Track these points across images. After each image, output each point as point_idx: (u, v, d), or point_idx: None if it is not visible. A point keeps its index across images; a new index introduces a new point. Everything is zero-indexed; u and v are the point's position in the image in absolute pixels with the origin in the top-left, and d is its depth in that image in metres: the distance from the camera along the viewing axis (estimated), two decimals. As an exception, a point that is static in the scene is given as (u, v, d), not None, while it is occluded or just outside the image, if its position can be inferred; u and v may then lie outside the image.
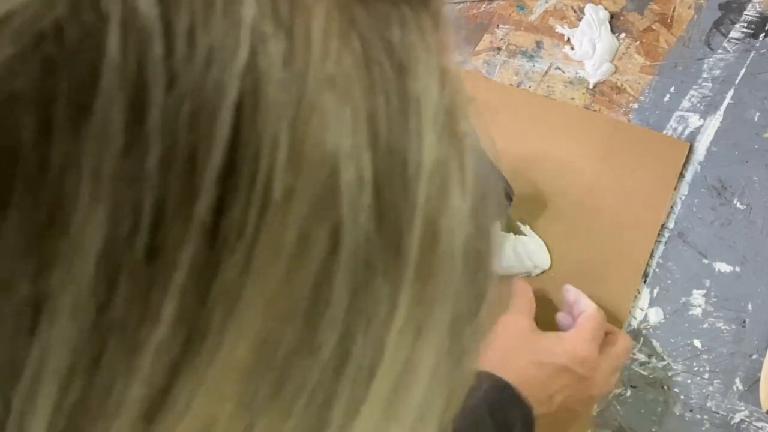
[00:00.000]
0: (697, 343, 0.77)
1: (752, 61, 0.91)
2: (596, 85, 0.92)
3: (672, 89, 0.91)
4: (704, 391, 0.75)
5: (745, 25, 0.93)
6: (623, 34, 0.95)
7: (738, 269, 0.80)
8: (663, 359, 0.77)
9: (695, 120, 0.88)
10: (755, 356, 0.76)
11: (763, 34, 0.93)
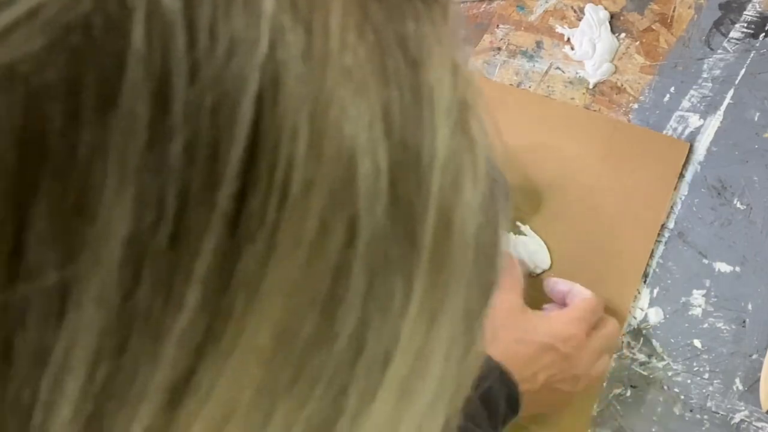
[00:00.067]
0: (697, 343, 0.77)
1: (752, 61, 0.91)
2: (596, 85, 0.92)
3: (672, 89, 0.91)
4: (704, 391, 0.75)
5: (745, 25, 0.93)
6: (623, 34, 0.95)
7: (738, 269, 0.80)
8: (663, 359, 0.77)
9: (695, 120, 0.88)
10: (755, 356, 0.76)
11: (763, 34, 0.93)
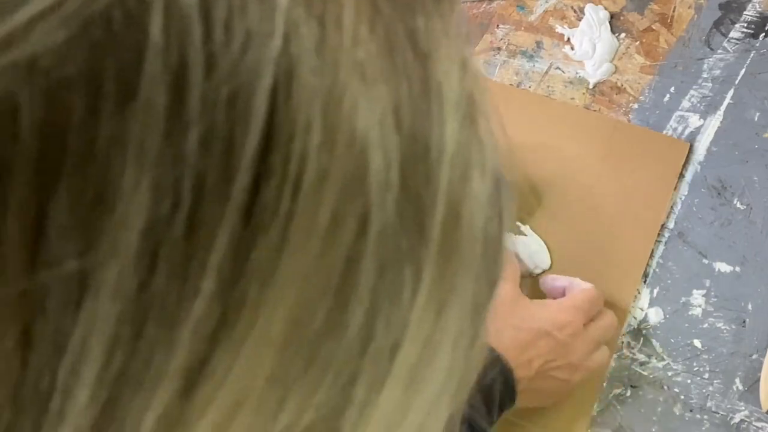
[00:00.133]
0: (697, 343, 0.77)
1: (752, 61, 0.91)
2: (596, 85, 0.92)
3: (672, 89, 0.91)
4: (704, 391, 0.75)
5: (745, 25, 0.93)
6: (623, 34, 0.95)
7: (738, 269, 0.80)
8: (663, 359, 0.77)
9: (695, 120, 0.88)
10: (755, 356, 0.76)
11: (763, 34, 0.93)
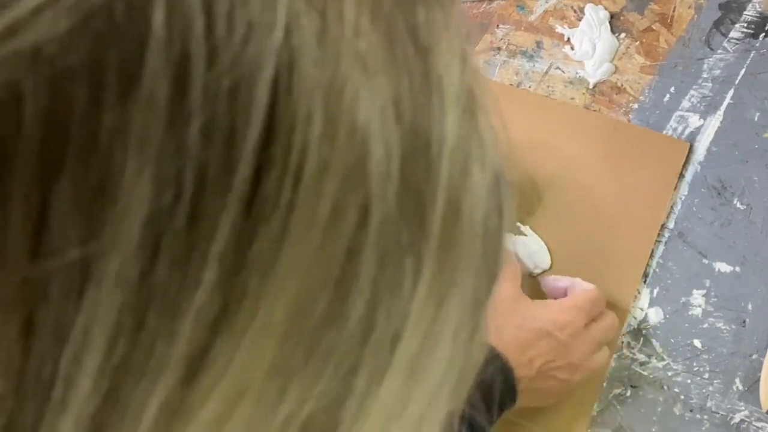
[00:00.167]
0: (697, 343, 0.77)
1: (752, 61, 0.91)
2: (596, 85, 0.92)
3: (672, 89, 0.91)
4: (704, 391, 0.75)
5: (745, 25, 0.93)
6: (623, 34, 0.95)
7: (738, 269, 0.80)
8: (663, 359, 0.77)
9: (695, 120, 0.88)
10: (755, 356, 0.76)
11: (763, 34, 0.93)
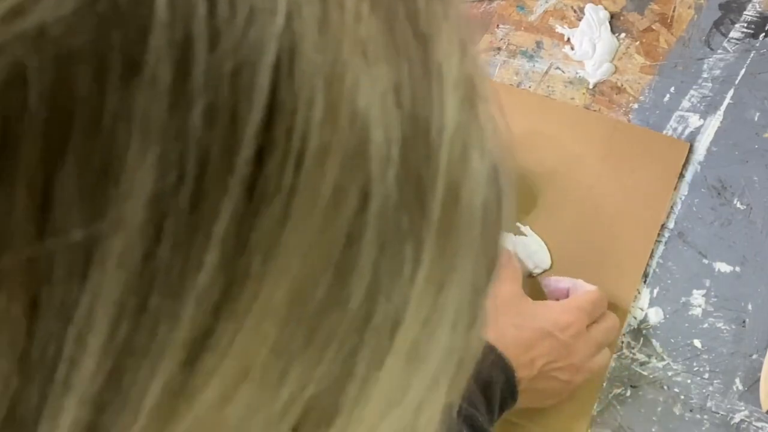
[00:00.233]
0: (697, 343, 0.77)
1: (752, 61, 0.91)
2: (596, 85, 0.92)
3: (672, 89, 0.91)
4: (704, 391, 0.75)
5: (745, 25, 0.93)
6: (623, 34, 0.95)
7: (738, 269, 0.80)
8: (663, 359, 0.77)
9: (695, 120, 0.88)
10: (755, 356, 0.76)
11: (763, 34, 0.93)
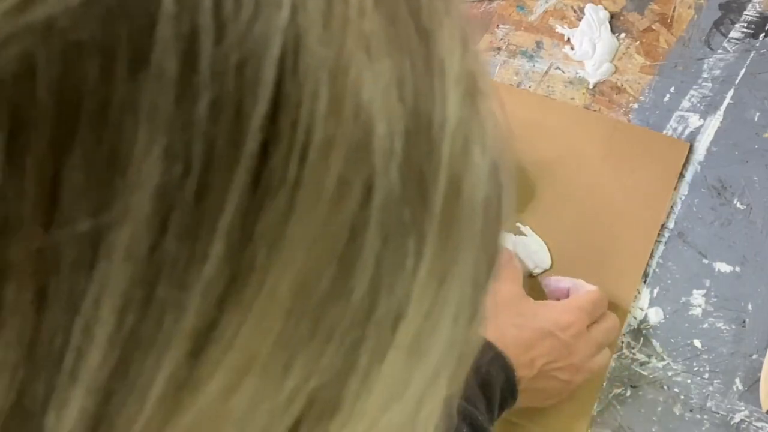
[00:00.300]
0: (697, 343, 0.77)
1: (752, 61, 0.91)
2: (596, 85, 0.92)
3: (672, 89, 0.91)
4: (704, 391, 0.75)
5: (745, 25, 0.93)
6: (623, 34, 0.95)
7: (738, 269, 0.80)
8: (663, 359, 0.77)
9: (695, 120, 0.88)
10: (755, 356, 0.76)
11: (763, 34, 0.93)
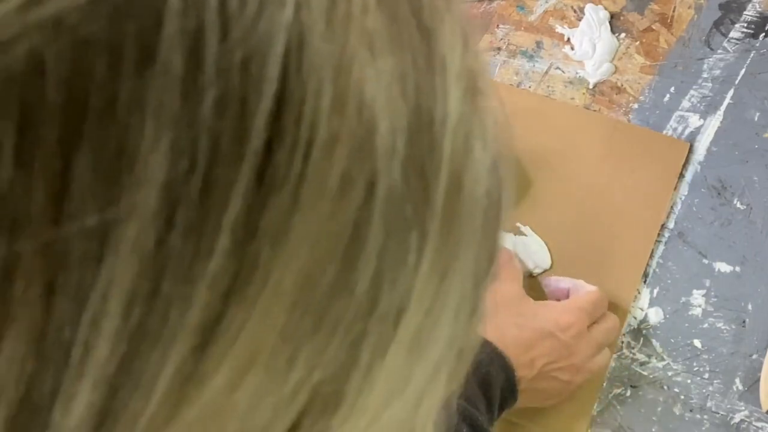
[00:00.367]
0: (697, 343, 0.77)
1: (752, 61, 0.91)
2: (596, 85, 0.92)
3: (672, 89, 0.91)
4: (704, 391, 0.75)
5: (745, 25, 0.93)
6: (623, 34, 0.95)
7: (738, 269, 0.80)
8: (663, 359, 0.77)
9: (695, 120, 0.88)
10: (755, 356, 0.76)
11: (763, 34, 0.93)
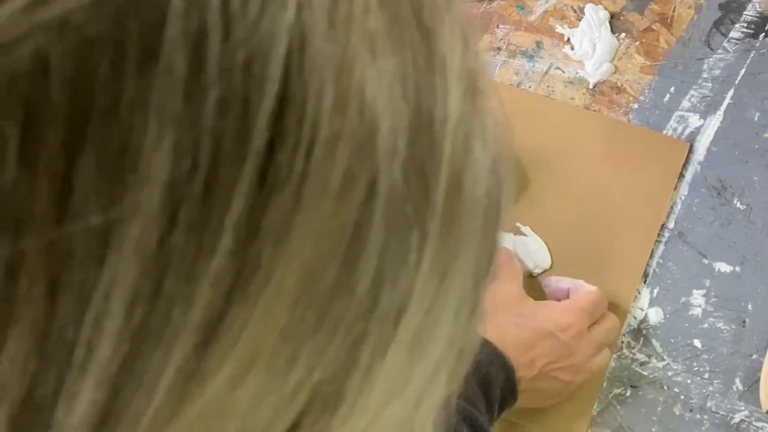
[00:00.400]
0: (697, 343, 0.77)
1: (752, 61, 0.91)
2: (596, 85, 0.92)
3: (672, 89, 0.91)
4: (704, 391, 0.75)
5: (745, 25, 0.93)
6: (623, 34, 0.95)
7: (738, 269, 0.80)
8: (663, 359, 0.77)
9: (695, 120, 0.88)
10: (755, 356, 0.76)
11: (763, 34, 0.93)
